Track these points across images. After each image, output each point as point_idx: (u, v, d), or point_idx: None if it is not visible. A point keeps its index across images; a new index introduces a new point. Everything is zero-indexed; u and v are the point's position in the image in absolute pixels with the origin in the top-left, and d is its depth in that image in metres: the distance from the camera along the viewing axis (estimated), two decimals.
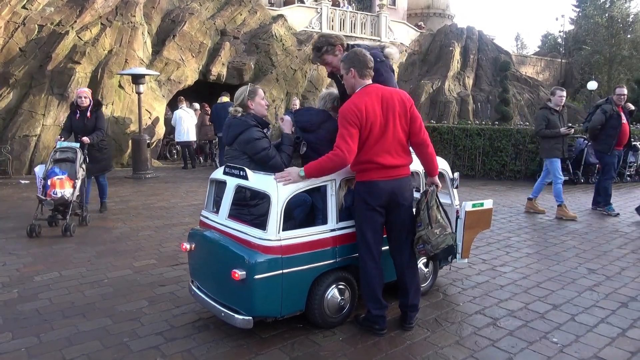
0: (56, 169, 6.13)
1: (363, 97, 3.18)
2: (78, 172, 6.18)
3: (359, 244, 3.33)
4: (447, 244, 3.32)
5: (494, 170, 11.49)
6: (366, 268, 3.30)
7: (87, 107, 6.63)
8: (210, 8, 17.01)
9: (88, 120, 6.63)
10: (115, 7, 13.41)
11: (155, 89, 13.86)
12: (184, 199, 8.30)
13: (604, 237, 6.12)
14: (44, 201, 5.86)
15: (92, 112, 6.68)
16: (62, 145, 6.38)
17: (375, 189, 3.21)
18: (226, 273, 3.07)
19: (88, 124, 6.63)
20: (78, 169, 6.18)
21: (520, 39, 62.97)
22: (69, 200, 5.91)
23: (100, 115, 6.78)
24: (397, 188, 3.25)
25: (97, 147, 6.75)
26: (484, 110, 22.48)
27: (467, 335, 3.35)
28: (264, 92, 3.82)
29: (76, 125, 6.69)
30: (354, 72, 3.25)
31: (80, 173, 6.22)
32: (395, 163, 3.23)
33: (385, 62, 3.55)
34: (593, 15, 35.21)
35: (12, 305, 3.80)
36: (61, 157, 6.28)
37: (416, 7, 30.82)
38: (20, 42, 11.93)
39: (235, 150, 3.59)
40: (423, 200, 3.37)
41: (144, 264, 4.86)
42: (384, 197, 3.22)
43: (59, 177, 5.97)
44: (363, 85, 3.26)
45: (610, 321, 3.61)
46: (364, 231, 3.27)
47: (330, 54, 3.58)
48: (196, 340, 3.24)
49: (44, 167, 6.27)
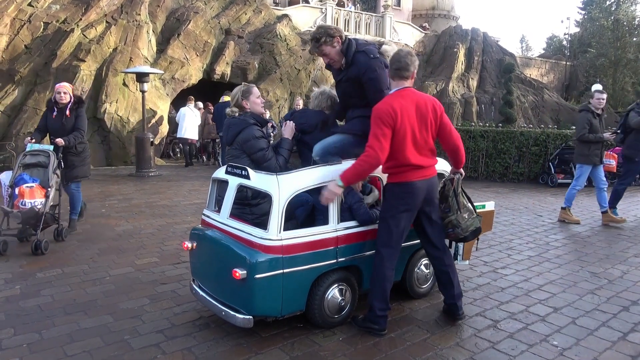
0: (25, 175, 5.28)
1: (398, 99, 3.25)
2: (51, 179, 5.31)
3: (381, 244, 3.35)
4: (475, 227, 3.52)
5: (497, 172, 11.47)
6: (383, 268, 3.33)
7: (66, 104, 5.69)
8: (215, 7, 17.04)
9: (67, 120, 5.69)
10: (121, 5, 13.46)
11: (160, 87, 13.90)
12: (187, 198, 8.32)
13: (606, 240, 6.10)
14: (9, 213, 5.04)
15: (72, 111, 5.73)
16: (33, 147, 5.51)
17: (413, 189, 3.31)
18: (227, 272, 3.08)
19: (67, 123, 5.68)
20: (51, 176, 5.31)
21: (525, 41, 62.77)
22: (41, 212, 5.05)
23: (81, 115, 5.83)
24: (431, 186, 3.42)
25: (75, 151, 5.80)
26: (488, 112, 22.43)
27: (467, 337, 3.35)
28: (259, 91, 3.83)
29: (53, 125, 5.73)
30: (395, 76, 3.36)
31: (54, 180, 5.35)
32: (428, 163, 3.38)
33: (379, 59, 3.50)
34: (599, 18, 35.06)
35: (15, 302, 3.83)
36: (31, 162, 5.42)
37: (421, 8, 30.78)
38: (26, 40, 11.99)
39: (236, 149, 3.61)
40: (450, 187, 3.50)
41: (146, 262, 4.88)
42: (421, 196, 3.35)
43: (29, 185, 5.15)
44: (399, 87, 3.33)
45: (611, 325, 3.60)
46: (392, 231, 3.32)
47: (328, 45, 3.56)
48: (196, 339, 3.26)
49: (11, 174, 5.37)
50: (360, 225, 3.46)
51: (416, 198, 3.32)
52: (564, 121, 22.78)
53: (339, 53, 3.58)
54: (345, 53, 3.55)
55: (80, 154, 5.90)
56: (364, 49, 3.51)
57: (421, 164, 3.31)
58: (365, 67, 3.45)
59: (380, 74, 3.47)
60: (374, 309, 3.34)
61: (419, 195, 3.32)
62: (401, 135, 3.21)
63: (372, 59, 3.45)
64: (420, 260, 3.90)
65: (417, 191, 3.31)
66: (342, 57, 3.59)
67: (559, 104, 25.01)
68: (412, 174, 3.30)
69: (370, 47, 3.56)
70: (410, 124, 3.23)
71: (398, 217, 3.31)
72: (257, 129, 3.58)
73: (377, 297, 3.34)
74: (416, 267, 3.89)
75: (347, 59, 3.55)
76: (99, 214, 6.91)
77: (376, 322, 3.35)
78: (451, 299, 3.54)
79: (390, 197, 3.37)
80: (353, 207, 3.44)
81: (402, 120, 3.19)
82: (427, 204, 3.42)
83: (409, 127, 3.22)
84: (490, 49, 25.29)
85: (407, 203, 3.31)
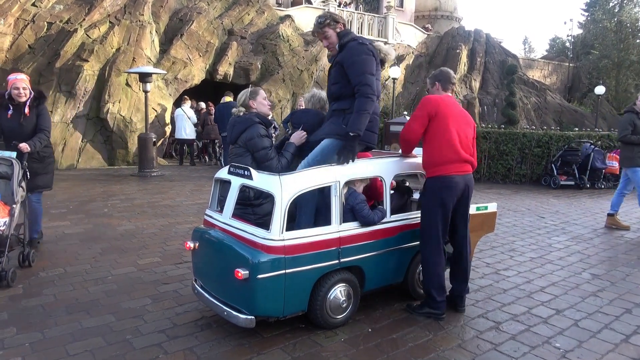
0: None
1: (445, 98, 3.68)
2: (16, 193, 4.30)
3: (428, 237, 3.59)
4: None
5: (500, 173, 11.46)
6: (434, 258, 3.58)
7: (25, 101, 4.72)
8: (218, 8, 17.07)
9: (26, 119, 4.72)
10: (124, 5, 13.48)
11: (162, 87, 13.93)
12: (189, 198, 8.33)
13: (608, 242, 6.09)
14: None
15: (32, 108, 4.77)
16: None
17: (452, 183, 3.53)
18: (229, 272, 3.08)
19: (26, 124, 4.72)
20: (16, 189, 4.31)
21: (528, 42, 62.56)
22: (5, 235, 4.08)
23: (44, 112, 4.86)
24: (469, 182, 3.65)
25: (37, 156, 4.84)
26: (490, 114, 22.41)
27: (470, 339, 3.35)
28: (265, 93, 3.87)
29: (9, 126, 4.72)
30: (438, 85, 3.80)
31: (20, 195, 4.37)
32: (469, 159, 3.64)
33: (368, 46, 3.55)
34: (602, 20, 34.98)
35: (17, 301, 3.83)
36: None
37: (424, 9, 30.77)
38: (30, 39, 12.03)
39: (239, 147, 3.62)
40: None
41: (148, 261, 4.88)
42: (460, 189, 3.57)
43: None
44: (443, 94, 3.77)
45: (613, 327, 3.59)
46: (437, 223, 3.55)
47: (331, 27, 3.66)
48: (198, 339, 3.26)
49: None
50: (362, 226, 3.45)
51: (455, 191, 3.55)
52: (567, 123, 22.75)
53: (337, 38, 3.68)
54: (341, 38, 3.64)
55: (43, 160, 4.96)
56: (358, 38, 3.63)
57: (462, 158, 3.57)
58: (352, 50, 3.52)
59: (365, 59, 3.50)
60: (433, 296, 3.57)
61: (458, 188, 3.55)
62: (442, 126, 3.54)
63: (360, 44, 3.54)
64: None
65: (455, 185, 3.54)
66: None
67: (561, 106, 24.97)
68: (451, 167, 3.54)
69: (365, 39, 3.67)
70: (455, 120, 3.58)
71: (438, 210, 3.54)
72: (262, 127, 3.61)
73: (435, 286, 3.58)
74: (418, 268, 3.88)
75: (340, 43, 3.63)
76: (101, 214, 6.92)
77: (437, 307, 3.59)
78: (460, 291, 3.75)
79: (430, 191, 3.59)
80: (355, 208, 3.44)
81: (445, 113, 3.55)
82: (465, 198, 3.64)
83: (452, 121, 3.56)
84: (493, 50, 25.27)
85: (447, 195, 3.53)
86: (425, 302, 3.67)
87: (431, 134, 3.60)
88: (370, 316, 3.64)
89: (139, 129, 12.23)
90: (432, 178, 3.60)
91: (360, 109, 3.41)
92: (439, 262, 3.59)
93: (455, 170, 3.55)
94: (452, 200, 3.56)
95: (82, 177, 10.50)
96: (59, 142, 11.51)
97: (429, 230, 3.59)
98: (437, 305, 3.59)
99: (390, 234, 3.62)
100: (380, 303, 3.87)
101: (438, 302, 3.59)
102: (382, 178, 3.61)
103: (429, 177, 3.63)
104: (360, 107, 3.41)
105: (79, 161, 11.97)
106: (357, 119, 3.40)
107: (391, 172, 3.68)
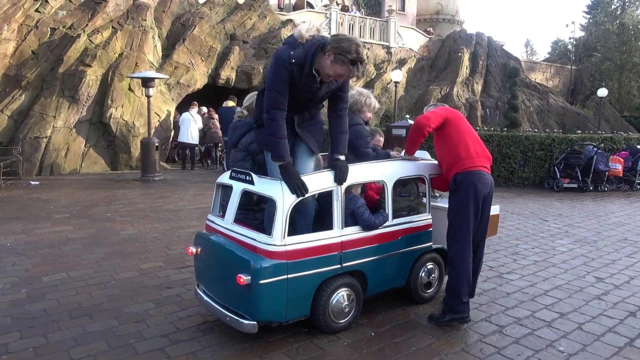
0: None
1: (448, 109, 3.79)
2: None
3: (459, 233, 3.51)
4: None
5: (502, 176, 11.44)
6: (465, 257, 3.51)
7: None
8: (220, 12, 17.14)
9: None
10: (127, 11, 13.55)
11: (165, 92, 13.98)
12: (192, 202, 8.35)
13: (612, 245, 6.06)
14: None
15: None
16: None
17: (483, 179, 3.53)
18: (231, 277, 3.08)
19: None
20: None
21: (530, 45, 62.64)
22: None
23: None
24: (492, 182, 3.64)
25: None
26: (493, 117, 22.41)
27: (473, 343, 3.34)
28: None
29: None
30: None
31: None
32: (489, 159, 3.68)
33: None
34: (604, 22, 34.98)
35: (21, 305, 3.84)
36: None
37: (425, 13, 30.83)
38: (33, 45, 12.10)
39: (240, 151, 3.62)
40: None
41: (151, 266, 4.89)
42: (487, 187, 3.56)
43: None
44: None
45: (617, 330, 3.58)
46: (469, 218, 3.49)
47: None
48: (201, 343, 3.26)
49: None
50: (364, 231, 3.45)
51: (484, 187, 3.52)
52: (569, 125, 22.72)
53: None
54: None
55: None
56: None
57: (488, 155, 3.64)
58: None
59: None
60: (460, 297, 3.51)
61: (486, 185, 3.53)
62: (458, 128, 3.61)
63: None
64: (424, 264, 3.89)
65: (485, 181, 3.53)
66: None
67: (564, 108, 24.94)
68: (481, 162, 3.56)
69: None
70: (466, 124, 3.69)
71: (470, 207, 3.49)
72: None
73: (464, 285, 3.51)
74: (421, 272, 3.88)
75: None
76: (104, 219, 6.94)
77: (462, 310, 3.54)
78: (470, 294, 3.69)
79: (463, 187, 3.50)
80: (356, 213, 3.43)
81: (455, 118, 3.64)
82: (489, 198, 3.62)
83: (464, 125, 3.65)
84: (494, 53, 25.29)
85: (479, 190, 3.49)
86: (447, 308, 3.57)
87: (453, 132, 3.62)
88: (373, 320, 3.64)
89: (142, 134, 12.27)
90: (464, 172, 3.50)
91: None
92: (469, 262, 3.52)
93: (483, 165, 3.56)
94: (483, 195, 3.52)
95: (85, 181, 10.53)
96: (62, 147, 11.56)
97: (460, 226, 3.50)
98: (461, 307, 3.53)
99: (392, 238, 3.62)
100: (383, 307, 3.86)
101: (463, 303, 3.53)
102: (384, 182, 3.61)
103: (461, 171, 3.52)
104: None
105: (81, 166, 12.01)
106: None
107: (393, 175, 3.67)
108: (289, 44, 3.12)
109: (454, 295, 3.54)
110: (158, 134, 12.73)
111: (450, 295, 3.57)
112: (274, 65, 3.08)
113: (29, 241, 5.69)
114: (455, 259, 3.55)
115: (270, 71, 3.11)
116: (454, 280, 3.55)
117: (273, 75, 3.08)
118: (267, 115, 3.12)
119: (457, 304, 3.53)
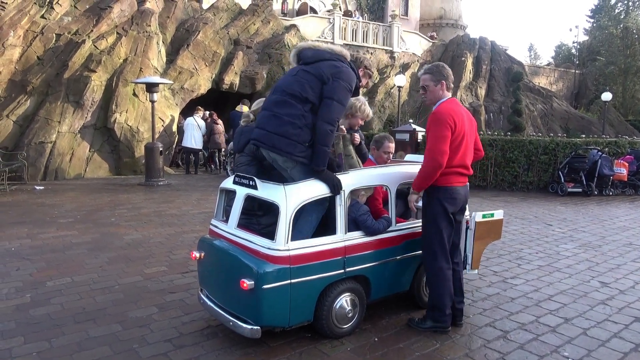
0: None
1: (454, 106, 3.46)
2: None
3: (435, 248, 3.46)
4: None
5: (506, 181, 11.41)
6: (443, 269, 3.46)
7: None
8: (224, 18, 17.23)
9: None
10: (131, 16, 13.65)
11: (169, 97, 14.04)
12: (196, 207, 8.36)
13: (617, 250, 6.03)
14: None
15: None
16: None
17: (456, 195, 3.48)
18: (235, 282, 3.08)
19: None
20: None
21: (533, 49, 62.36)
22: None
23: None
24: (467, 193, 3.62)
25: None
26: (497, 121, 22.37)
27: (477, 348, 3.32)
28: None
29: None
30: (444, 84, 3.50)
31: None
32: (469, 170, 3.58)
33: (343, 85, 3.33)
34: (607, 26, 34.92)
35: (25, 310, 3.86)
36: None
37: (429, 18, 30.89)
38: (38, 51, 12.19)
39: (245, 156, 3.63)
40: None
41: (155, 270, 4.90)
42: (461, 202, 3.55)
43: None
44: (447, 97, 3.53)
45: (622, 336, 3.55)
46: (443, 234, 3.45)
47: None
48: (205, 348, 3.26)
49: None
50: (368, 235, 3.45)
51: (458, 202, 3.51)
52: (574, 130, 22.65)
53: None
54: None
55: None
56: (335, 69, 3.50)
57: (467, 169, 3.53)
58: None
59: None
60: (442, 309, 3.47)
61: (460, 200, 3.53)
62: (459, 139, 3.40)
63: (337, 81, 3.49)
64: None
65: (458, 196, 3.50)
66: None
67: (568, 113, 24.89)
68: (456, 179, 3.47)
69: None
70: (463, 129, 3.44)
71: (444, 220, 3.45)
72: None
73: (446, 297, 3.47)
74: (424, 277, 3.87)
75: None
76: (108, 223, 6.96)
77: (445, 321, 3.50)
78: (460, 304, 3.65)
79: (435, 202, 3.47)
80: (358, 220, 3.43)
81: (461, 129, 3.41)
82: (463, 210, 3.64)
83: (463, 131, 3.43)
84: (498, 58, 25.28)
85: (451, 206, 3.46)
86: (429, 315, 3.55)
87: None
88: (376, 325, 3.63)
89: (146, 139, 12.32)
90: (436, 188, 3.45)
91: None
92: (449, 276, 3.48)
93: (458, 182, 3.49)
94: (454, 210, 3.51)
95: (90, 186, 10.57)
96: (67, 151, 11.63)
97: (435, 238, 3.47)
98: (444, 318, 3.49)
99: (396, 243, 3.62)
100: (386, 312, 3.86)
101: (446, 315, 3.49)
102: (387, 187, 3.61)
103: (433, 186, 3.46)
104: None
105: (86, 171, 12.07)
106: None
107: (396, 180, 3.68)
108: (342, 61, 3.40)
109: (437, 310, 3.51)
110: (162, 138, 12.79)
111: (434, 310, 3.52)
112: (349, 80, 3.32)
113: (33, 246, 5.71)
114: (434, 272, 3.49)
115: (342, 86, 3.28)
116: (436, 297, 3.50)
117: (347, 91, 3.32)
118: (330, 127, 3.24)
119: (441, 316, 3.52)
